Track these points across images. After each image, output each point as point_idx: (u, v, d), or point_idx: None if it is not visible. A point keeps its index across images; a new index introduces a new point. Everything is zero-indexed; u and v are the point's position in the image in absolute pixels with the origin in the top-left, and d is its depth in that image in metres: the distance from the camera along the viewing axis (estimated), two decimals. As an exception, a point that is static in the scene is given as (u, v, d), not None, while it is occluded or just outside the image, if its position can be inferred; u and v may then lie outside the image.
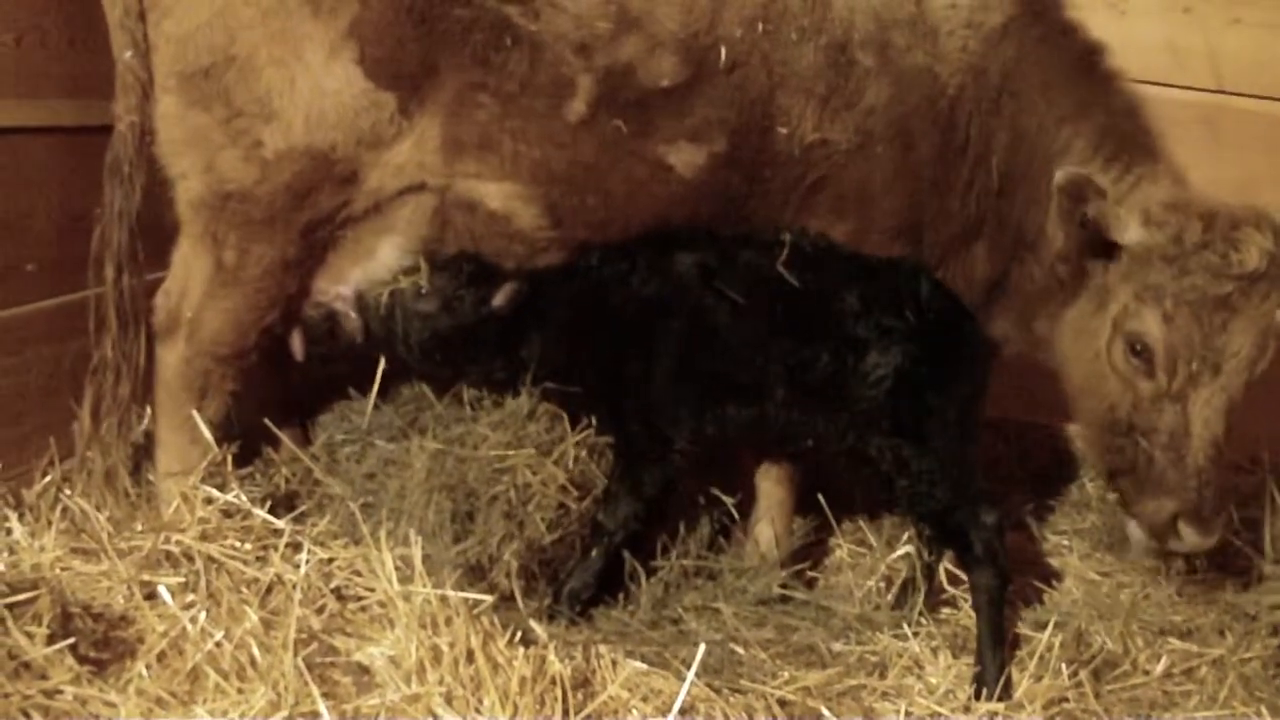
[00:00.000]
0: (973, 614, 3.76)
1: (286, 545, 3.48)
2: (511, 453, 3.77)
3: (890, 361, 3.71)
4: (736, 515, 4.20)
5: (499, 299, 3.82)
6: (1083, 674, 3.62)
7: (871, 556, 4.30)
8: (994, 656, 3.63)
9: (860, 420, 3.76)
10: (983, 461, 4.34)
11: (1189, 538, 3.78)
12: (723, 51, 3.79)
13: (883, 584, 4.17)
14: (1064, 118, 4.10)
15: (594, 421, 3.89)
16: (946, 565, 4.03)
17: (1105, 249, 3.87)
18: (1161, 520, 3.81)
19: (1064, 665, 3.62)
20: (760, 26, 3.84)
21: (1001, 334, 4.25)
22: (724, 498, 4.13)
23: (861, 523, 4.48)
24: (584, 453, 3.86)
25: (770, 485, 4.30)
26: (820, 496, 4.21)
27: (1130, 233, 3.80)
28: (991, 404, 4.13)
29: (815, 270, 3.79)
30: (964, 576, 3.87)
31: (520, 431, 3.83)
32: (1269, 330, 3.79)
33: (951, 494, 3.74)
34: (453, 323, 3.83)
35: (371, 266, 3.85)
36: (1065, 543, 4.67)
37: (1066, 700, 3.56)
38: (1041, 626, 3.85)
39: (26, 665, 2.87)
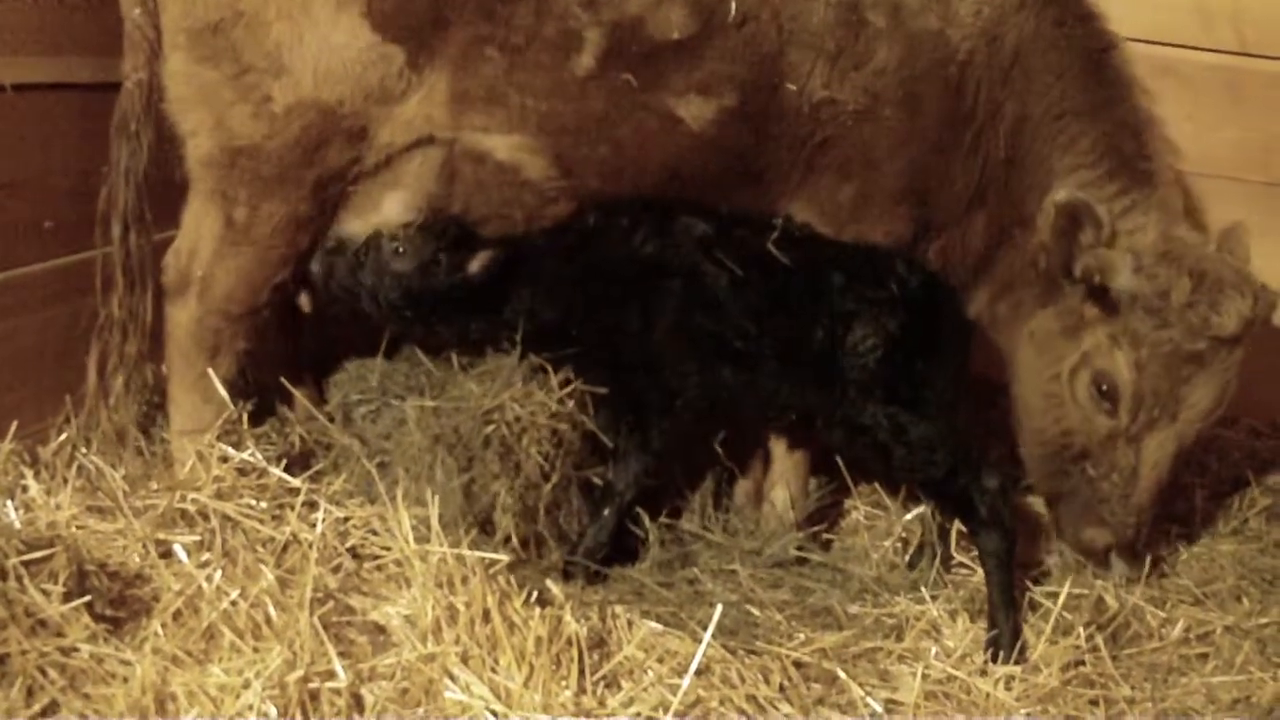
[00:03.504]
0: (989, 577, 3.75)
1: (302, 504, 3.47)
2: (501, 396, 3.76)
3: (880, 330, 3.72)
4: (732, 467, 4.24)
5: (474, 266, 3.78)
6: (1099, 637, 3.61)
7: (887, 518, 4.30)
8: (1007, 618, 3.63)
9: (853, 390, 3.76)
10: (997, 426, 4.38)
11: (1119, 569, 4.00)
12: (733, 5, 3.76)
13: (899, 546, 4.16)
14: (1073, 112, 4.08)
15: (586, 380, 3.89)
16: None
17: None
18: (1096, 549, 4.00)
19: (1080, 628, 3.61)
20: None
21: (975, 311, 4.24)
22: (717, 449, 4.13)
23: (878, 484, 4.45)
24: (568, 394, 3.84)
25: (786, 448, 4.28)
26: (838, 458, 4.20)
27: (1121, 278, 3.86)
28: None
29: (801, 251, 3.82)
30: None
31: (509, 380, 3.81)
32: (1228, 385, 3.92)
33: (952, 459, 3.74)
34: (424, 285, 3.80)
35: (374, 220, 3.82)
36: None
37: (1083, 663, 3.54)
38: (1057, 588, 3.82)
39: (43, 622, 2.86)
